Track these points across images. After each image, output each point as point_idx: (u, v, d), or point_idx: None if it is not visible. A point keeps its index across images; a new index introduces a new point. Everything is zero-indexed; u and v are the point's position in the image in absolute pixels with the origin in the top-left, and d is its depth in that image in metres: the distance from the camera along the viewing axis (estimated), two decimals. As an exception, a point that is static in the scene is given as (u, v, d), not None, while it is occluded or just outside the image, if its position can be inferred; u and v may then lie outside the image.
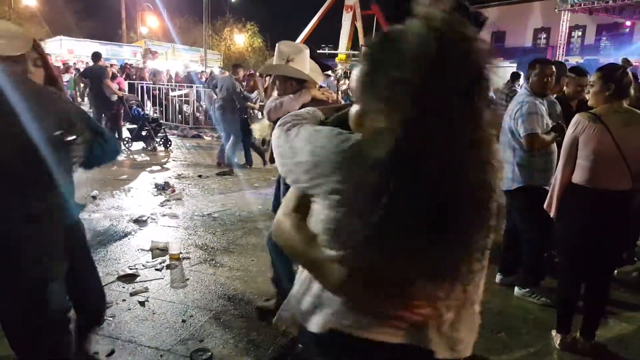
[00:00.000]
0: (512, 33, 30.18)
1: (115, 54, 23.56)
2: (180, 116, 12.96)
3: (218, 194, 6.46)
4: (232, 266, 4.07)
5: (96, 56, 9.55)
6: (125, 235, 4.64)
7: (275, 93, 3.10)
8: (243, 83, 8.09)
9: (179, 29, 31.18)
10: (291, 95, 2.85)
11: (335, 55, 36.37)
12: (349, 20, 34.46)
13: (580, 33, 27.93)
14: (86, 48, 20.99)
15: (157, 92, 12.79)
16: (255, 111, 7.87)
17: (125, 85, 11.59)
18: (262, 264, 3.98)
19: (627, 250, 4.15)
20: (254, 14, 38.43)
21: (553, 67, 3.48)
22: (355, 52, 33.36)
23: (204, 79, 15.13)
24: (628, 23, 24.81)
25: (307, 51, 2.90)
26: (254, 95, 7.87)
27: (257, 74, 7.94)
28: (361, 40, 34.11)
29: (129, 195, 6.09)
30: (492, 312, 3.30)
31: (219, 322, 3.14)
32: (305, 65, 2.85)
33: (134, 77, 14.00)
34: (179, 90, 13.25)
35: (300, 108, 2.81)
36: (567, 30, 23.65)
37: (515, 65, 16.80)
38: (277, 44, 2.95)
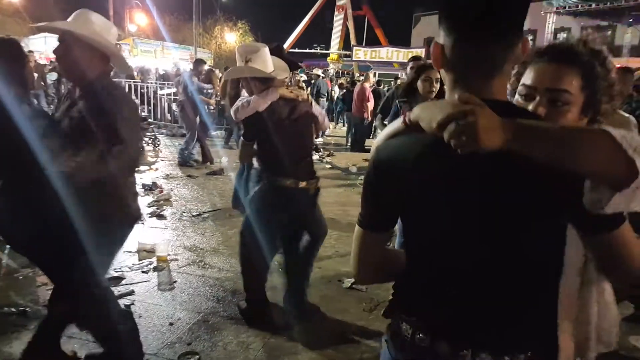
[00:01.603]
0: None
1: (103, 51, 23.30)
2: (169, 115, 12.83)
3: (207, 194, 6.40)
4: (222, 267, 4.01)
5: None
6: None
7: (244, 93, 3.08)
8: (201, 77, 8.12)
9: (168, 26, 30.95)
10: (257, 95, 2.82)
11: (327, 55, 36.38)
12: (340, 20, 34.47)
13: (565, 35, 28.27)
14: (73, 46, 20.64)
15: (145, 90, 12.65)
16: (212, 108, 7.91)
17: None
18: (252, 265, 3.93)
19: None
20: (245, 13, 38.41)
21: None
22: (347, 52, 33.39)
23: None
24: (612, 25, 25.16)
25: (265, 49, 2.86)
26: (208, 85, 7.85)
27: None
28: (352, 41, 34.15)
29: (116, 195, 6.00)
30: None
31: (208, 324, 3.09)
32: (265, 63, 2.82)
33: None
34: (168, 88, 13.12)
35: (268, 107, 2.79)
36: (553, 32, 23.90)
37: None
38: (236, 49, 2.95)
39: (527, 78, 1.29)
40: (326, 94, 13.04)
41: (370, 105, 11.18)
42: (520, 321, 1.01)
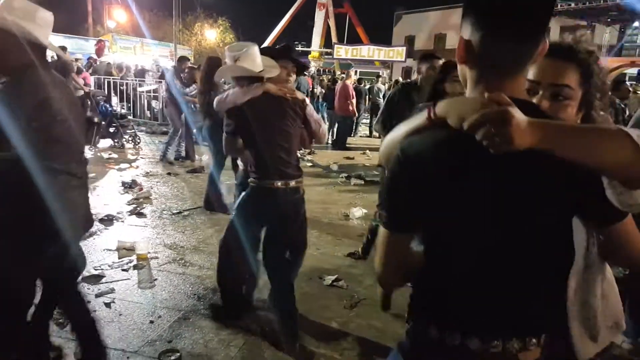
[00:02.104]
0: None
1: (80, 48, 22.83)
2: (149, 112, 12.69)
3: (188, 192, 6.36)
4: (203, 265, 4.00)
5: (61, 50, 9.26)
6: (91, 235, 4.48)
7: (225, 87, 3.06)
8: (184, 74, 8.04)
9: (148, 23, 30.55)
10: (238, 89, 2.83)
11: (309, 52, 36.32)
12: (321, 18, 34.44)
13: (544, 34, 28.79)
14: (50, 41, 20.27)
15: (125, 87, 12.49)
16: (197, 105, 7.90)
17: (91, 80, 11.28)
18: (233, 262, 3.94)
19: None
20: (226, 10, 38.11)
21: None
22: (329, 50, 33.41)
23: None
24: (590, 25, 25.68)
25: (254, 48, 2.85)
26: (190, 89, 7.79)
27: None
28: (334, 38, 34.18)
29: (94, 194, 5.92)
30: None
31: (189, 322, 3.09)
32: (253, 61, 2.81)
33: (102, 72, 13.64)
34: (147, 85, 12.98)
35: (247, 101, 2.75)
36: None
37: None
38: (225, 49, 2.94)
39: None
40: (306, 92, 13.03)
41: (354, 102, 11.27)
42: (541, 306, 1.07)
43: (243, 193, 2.98)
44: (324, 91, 14.14)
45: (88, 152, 7.80)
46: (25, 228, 1.98)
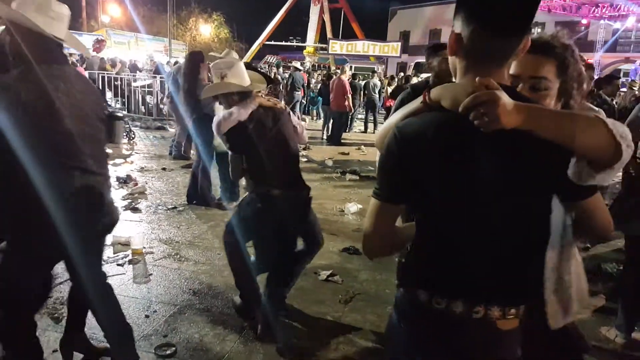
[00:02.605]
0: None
1: (74, 42, 22.74)
2: (143, 107, 12.63)
3: (183, 187, 6.33)
4: (198, 260, 4.01)
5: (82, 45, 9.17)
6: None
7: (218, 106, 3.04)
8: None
9: (142, 18, 30.38)
10: (237, 106, 2.79)
11: (304, 48, 36.25)
12: (316, 13, 34.35)
13: (539, 30, 28.84)
14: (43, 36, 20.08)
15: (119, 82, 12.43)
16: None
17: (85, 74, 11.21)
18: (228, 257, 3.94)
19: None
20: (220, 5, 37.91)
21: None
22: (324, 45, 33.34)
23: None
24: (584, 21, 25.73)
25: (240, 64, 2.87)
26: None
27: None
28: (329, 34, 34.11)
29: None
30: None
31: (184, 316, 3.09)
32: (241, 76, 2.81)
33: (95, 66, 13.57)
34: (142, 80, 12.92)
35: (250, 115, 2.75)
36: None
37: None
38: (210, 66, 2.92)
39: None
40: (301, 87, 12.99)
41: (349, 98, 11.26)
42: (521, 278, 1.18)
43: (243, 200, 2.98)
44: (318, 85, 14.11)
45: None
46: (36, 229, 1.95)
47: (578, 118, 1.07)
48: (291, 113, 3.14)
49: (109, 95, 12.21)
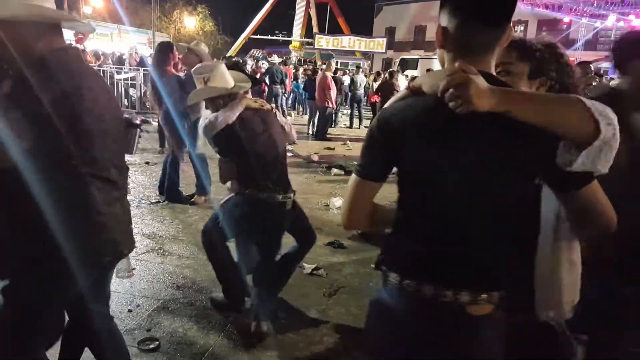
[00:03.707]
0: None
1: (55, 33, 22.30)
2: (126, 101, 12.48)
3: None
4: (182, 254, 3.99)
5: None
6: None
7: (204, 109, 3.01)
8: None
9: (125, 9, 29.91)
10: (224, 109, 2.75)
11: (289, 42, 36.12)
12: (302, 7, 34.27)
13: (522, 27, 29.13)
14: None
15: (102, 75, 12.25)
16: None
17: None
18: (212, 251, 3.93)
19: None
20: (205, -3, 37.45)
21: None
22: (310, 40, 33.25)
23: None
24: (566, 19, 26.09)
25: (221, 66, 2.83)
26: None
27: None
28: (315, 28, 34.04)
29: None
30: None
31: (167, 311, 3.08)
32: (224, 79, 2.79)
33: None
34: (125, 73, 12.76)
35: (238, 118, 2.71)
36: (512, 25, 24.64)
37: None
38: (192, 72, 2.90)
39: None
40: (280, 82, 12.80)
41: (333, 93, 11.24)
42: (494, 265, 1.19)
43: (229, 203, 2.93)
44: (305, 78, 14.04)
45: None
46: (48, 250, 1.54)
47: (553, 98, 1.11)
48: (277, 112, 3.11)
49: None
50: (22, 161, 1.43)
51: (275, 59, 20.49)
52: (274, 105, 3.14)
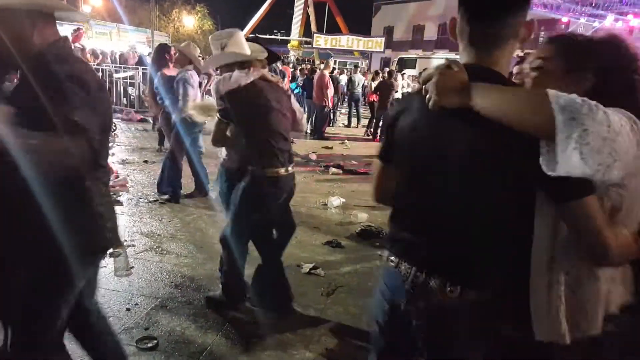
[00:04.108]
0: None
1: (54, 32, 22.25)
2: (125, 99, 12.47)
3: (165, 180, 6.30)
4: (180, 253, 3.99)
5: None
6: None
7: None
8: None
9: (124, 8, 29.86)
10: (240, 71, 2.72)
11: (288, 41, 36.08)
12: (300, 6, 34.22)
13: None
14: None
15: (101, 74, 12.22)
16: None
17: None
18: (210, 250, 3.94)
19: None
20: (204, -4, 37.40)
21: None
22: (308, 39, 33.23)
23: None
24: (565, 19, 26.12)
25: (239, 32, 2.81)
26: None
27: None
28: (313, 28, 34.02)
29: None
30: None
31: (165, 309, 3.08)
32: (241, 46, 2.76)
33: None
34: (124, 72, 12.73)
35: (251, 83, 2.67)
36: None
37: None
38: (209, 39, 2.87)
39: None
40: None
41: (330, 92, 11.23)
42: (465, 259, 1.21)
43: (241, 185, 2.82)
44: (302, 78, 14.03)
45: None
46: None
47: (518, 91, 1.12)
48: (292, 98, 3.07)
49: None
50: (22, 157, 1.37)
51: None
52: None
